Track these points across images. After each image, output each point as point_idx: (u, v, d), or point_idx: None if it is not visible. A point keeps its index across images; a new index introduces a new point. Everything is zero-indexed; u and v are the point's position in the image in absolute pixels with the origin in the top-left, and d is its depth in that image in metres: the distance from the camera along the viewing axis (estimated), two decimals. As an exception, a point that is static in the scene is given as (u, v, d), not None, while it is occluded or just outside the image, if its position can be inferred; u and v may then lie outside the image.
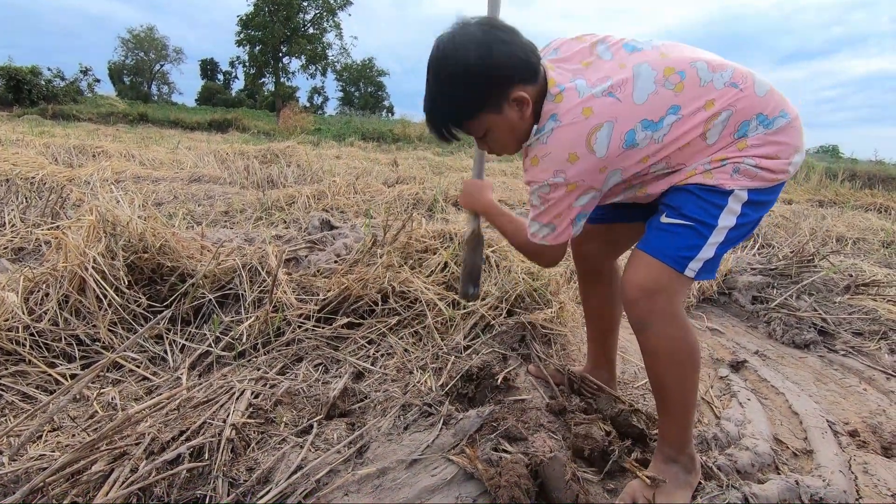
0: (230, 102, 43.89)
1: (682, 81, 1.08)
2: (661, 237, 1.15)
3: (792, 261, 3.12)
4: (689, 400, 1.19)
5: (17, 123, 11.20)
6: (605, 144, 1.07)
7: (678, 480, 1.20)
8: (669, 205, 1.16)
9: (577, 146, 1.07)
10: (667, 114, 1.07)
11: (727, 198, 1.10)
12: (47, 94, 22.21)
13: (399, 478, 1.16)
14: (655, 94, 1.07)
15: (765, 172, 1.09)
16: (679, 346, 1.14)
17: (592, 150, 1.07)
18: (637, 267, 1.16)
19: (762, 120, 1.09)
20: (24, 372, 1.56)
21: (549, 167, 1.11)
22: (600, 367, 1.63)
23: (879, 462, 1.45)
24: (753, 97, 1.09)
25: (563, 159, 1.09)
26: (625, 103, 1.07)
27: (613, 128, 1.06)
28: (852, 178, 11.06)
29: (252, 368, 1.65)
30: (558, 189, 1.12)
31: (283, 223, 3.62)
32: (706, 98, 1.08)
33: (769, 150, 1.09)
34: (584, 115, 1.07)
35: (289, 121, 20.34)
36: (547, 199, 1.14)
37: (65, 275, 1.81)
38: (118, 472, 1.09)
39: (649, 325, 1.14)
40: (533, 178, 1.14)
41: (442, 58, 1.10)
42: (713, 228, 1.11)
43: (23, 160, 4.46)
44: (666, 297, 1.12)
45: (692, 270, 1.12)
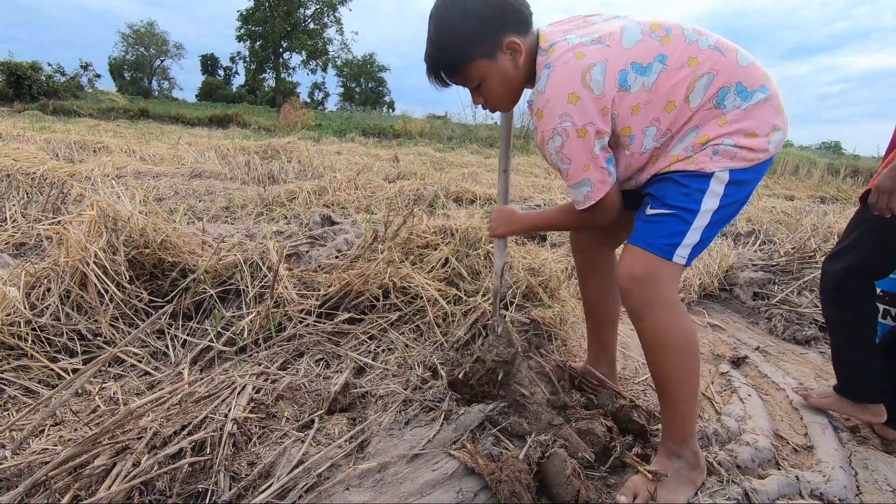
0: (231, 98, 43.83)
1: (668, 35, 1.12)
2: (647, 228, 1.18)
3: (793, 257, 3.11)
4: (690, 390, 1.20)
5: (18, 119, 11.19)
6: (601, 82, 1.08)
7: (680, 476, 1.20)
8: (653, 195, 1.19)
9: (574, 85, 1.08)
10: (654, 60, 1.10)
11: (708, 181, 1.11)
12: (48, 90, 22.15)
13: (400, 472, 1.17)
14: (642, 42, 1.11)
15: (744, 151, 1.10)
16: (675, 333, 1.16)
17: (589, 87, 1.08)
18: (628, 258, 1.19)
19: (740, 91, 1.10)
20: (27, 366, 1.57)
21: (553, 113, 1.10)
22: (600, 361, 1.63)
23: (880, 457, 1.45)
24: (735, 65, 1.11)
25: (563, 101, 1.09)
26: (614, 48, 1.10)
27: (606, 67, 1.08)
28: (854, 174, 11.03)
29: (253, 363, 1.65)
30: (569, 136, 1.10)
31: (283, 219, 3.62)
32: (690, 55, 1.10)
33: (747, 126, 1.10)
34: (576, 58, 1.09)
35: (289, 116, 20.28)
36: (564, 153, 1.13)
37: (66, 270, 1.81)
38: (120, 466, 1.09)
39: (644, 314, 1.16)
40: (542, 132, 1.14)
41: (441, 4, 1.16)
42: (696, 213, 1.13)
43: (24, 156, 4.45)
44: (657, 284, 1.15)
45: (681, 257, 1.14)
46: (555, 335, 1.97)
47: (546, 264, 2.27)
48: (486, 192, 5.10)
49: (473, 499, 1.11)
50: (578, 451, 1.23)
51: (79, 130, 8.84)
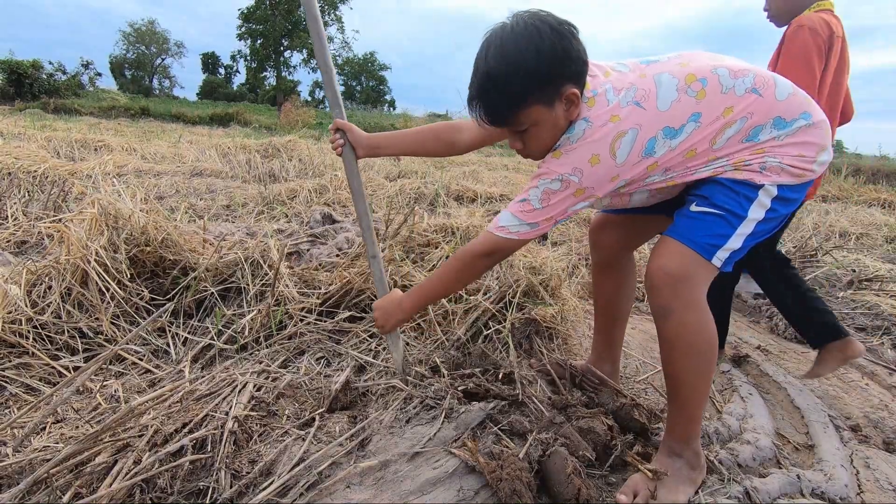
0: (231, 96, 43.83)
1: (704, 89, 1.09)
2: (691, 224, 1.14)
3: (795, 256, 3.11)
4: (702, 393, 1.19)
5: (19, 117, 11.19)
6: (627, 151, 1.08)
7: (681, 475, 1.19)
8: (699, 195, 1.17)
9: (602, 148, 1.08)
10: (688, 121, 1.09)
11: (758, 191, 1.11)
12: (49, 89, 22.17)
13: (401, 470, 1.16)
14: (678, 102, 1.09)
15: (792, 168, 1.09)
16: (699, 336, 1.14)
17: (613, 156, 1.08)
18: (664, 253, 1.15)
19: (778, 123, 1.10)
20: (28, 364, 1.57)
21: (569, 163, 1.10)
22: (604, 360, 1.63)
23: (881, 457, 1.45)
24: (773, 102, 1.09)
25: (585, 159, 1.09)
26: (649, 112, 1.08)
27: (637, 135, 1.08)
28: (856, 173, 11.01)
29: (254, 361, 1.65)
30: (568, 188, 1.11)
31: (284, 217, 3.62)
32: (725, 105, 1.09)
33: (790, 151, 1.09)
34: (612, 122, 1.08)
35: (290, 115, 20.29)
36: (550, 198, 1.13)
37: (67, 268, 1.81)
38: (121, 463, 1.09)
39: (672, 312, 1.13)
40: (548, 170, 1.13)
41: (508, 36, 1.06)
42: (743, 219, 1.11)
43: (25, 154, 4.45)
44: (692, 284, 1.12)
45: (719, 259, 1.12)
46: (556, 334, 1.97)
47: (547, 263, 2.26)
48: (487, 190, 5.09)
49: (474, 497, 1.10)
50: (579, 450, 1.23)
51: (80, 129, 8.84)
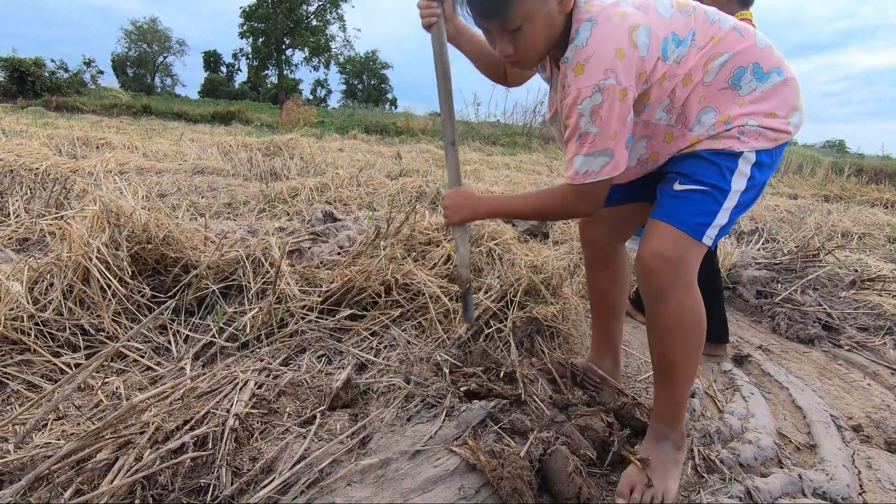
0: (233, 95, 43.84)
1: (693, 14, 1.11)
2: (677, 204, 1.14)
3: (797, 256, 3.10)
4: (692, 373, 1.21)
5: (21, 115, 11.20)
6: (647, 44, 1.03)
7: (668, 458, 1.21)
8: (681, 171, 1.16)
9: (622, 40, 1.01)
10: (688, 35, 1.09)
11: (738, 160, 1.11)
12: (51, 86, 22.19)
13: (402, 468, 1.16)
14: (675, 15, 1.09)
15: (768, 132, 1.10)
16: (694, 317, 1.15)
17: (636, 46, 1.02)
18: (655, 236, 1.14)
19: (756, 71, 1.10)
20: (29, 361, 1.57)
21: (597, 68, 1.02)
22: (604, 356, 1.62)
23: (883, 457, 1.44)
24: (753, 46, 1.11)
25: (611, 56, 1.01)
26: (652, 16, 1.06)
27: (650, 31, 1.04)
28: (859, 173, 10.98)
29: (255, 359, 1.65)
30: (611, 95, 1.02)
31: (286, 215, 3.62)
32: (712, 34, 1.10)
33: (766, 107, 1.10)
34: (619, 15, 1.04)
35: (292, 113, 20.27)
36: (601, 114, 1.04)
37: (69, 265, 1.81)
38: (123, 460, 1.09)
39: (668, 295, 1.12)
40: (580, 89, 1.04)
41: None
42: (727, 193, 1.11)
43: (27, 151, 4.46)
44: (686, 266, 1.12)
45: (709, 238, 1.12)
46: (557, 332, 1.96)
47: (548, 261, 2.26)
48: (489, 189, 5.08)
49: (475, 495, 1.10)
50: (581, 449, 1.23)
51: (82, 126, 8.85)
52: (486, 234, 2.39)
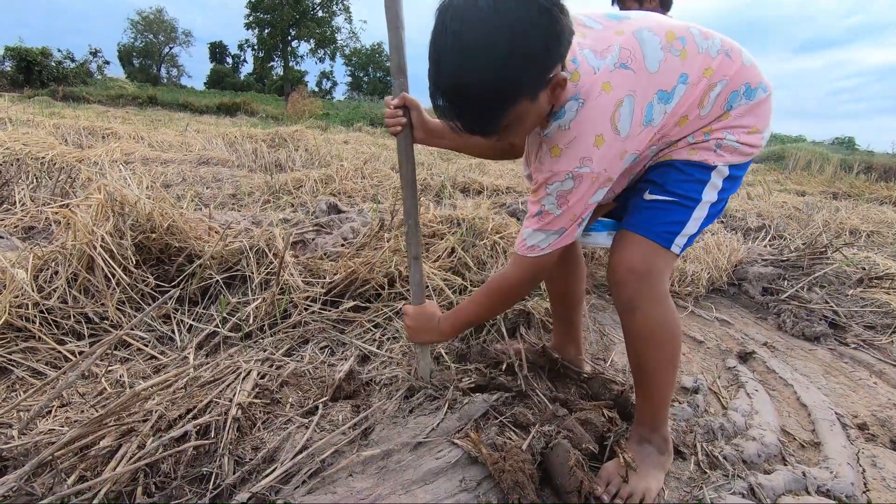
0: (239, 86, 43.84)
1: (685, 48, 1.05)
2: (647, 215, 1.13)
3: (804, 253, 3.07)
4: (668, 381, 1.19)
5: (28, 104, 11.24)
6: (629, 122, 0.98)
7: (651, 461, 1.21)
8: (652, 180, 1.15)
9: (603, 126, 0.97)
10: (677, 83, 1.04)
11: (710, 173, 1.10)
12: (57, 76, 22.28)
13: (403, 460, 1.16)
14: (665, 62, 1.02)
15: (744, 147, 1.10)
16: (665, 328, 1.14)
17: (617, 130, 0.98)
18: (625, 247, 1.14)
19: (746, 90, 1.09)
20: (34, 348, 1.58)
21: (574, 155, 0.99)
22: (567, 344, 1.62)
23: (888, 455, 1.43)
24: (741, 66, 1.09)
25: (589, 144, 0.97)
26: (640, 74, 1.00)
27: (634, 102, 0.99)
28: (868, 170, 10.87)
29: (258, 349, 1.66)
30: (582, 182, 1.00)
31: (290, 207, 3.62)
32: (705, 66, 1.06)
33: (749, 121, 1.10)
34: (605, 91, 0.97)
35: (297, 105, 20.27)
36: (567, 199, 1.03)
37: (73, 253, 1.82)
38: (126, 447, 1.10)
39: (638, 307, 1.12)
40: (553, 172, 1.01)
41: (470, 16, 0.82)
42: (697, 203, 1.11)
43: (33, 140, 4.47)
44: (656, 277, 1.11)
45: (678, 246, 1.12)
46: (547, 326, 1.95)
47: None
48: (494, 182, 5.06)
49: (476, 488, 1.10)
50: (582, 443, 1.22)
51: (88, 116, 8.87)
52: (491, 228, 2.38)
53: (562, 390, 1.53)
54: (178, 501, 1.04)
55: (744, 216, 4.75)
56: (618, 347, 1.91)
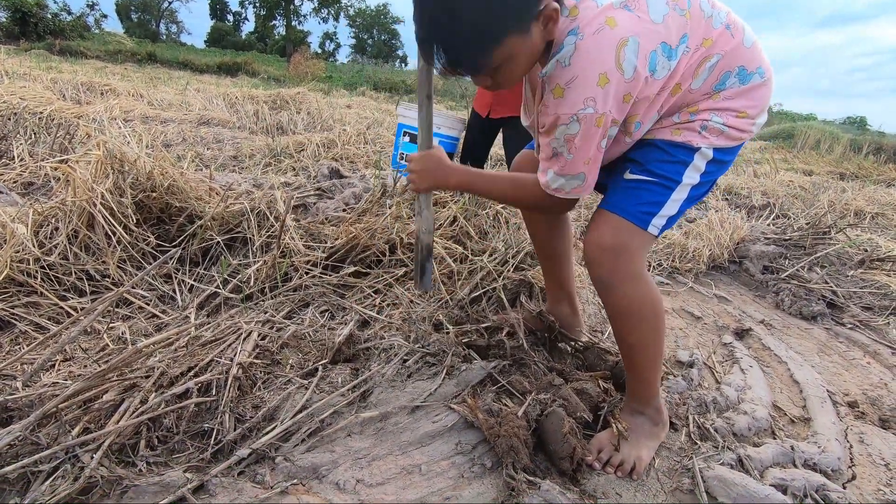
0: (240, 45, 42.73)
1: (689, 10, 1.00)
2: (625, 194, 1.11)
3: (807, 232, 3.06)
4: (656, 356, 1.20)
5: (25, 57, 10.98)
6: (633, 64, 0.92)
7: (643, 431, 1.23)
8: (634, 159, 1.12)
9: (607, 63, 0.91)
10: (680, 42, 0.99)
11: (693, 154, 1.07)
12: (54, 29, 21.68)
13: (401, 422, 1.19)
14: (669, 16, 0.97)
15: (731, 131, 1.06)
16: (643, 306, 1.13)
17: (621, 69, 0.92)
18: (599, 226, 1.11)
19: (741, 73, 1.05)
20: (36, 303, 1.59)
21: (577, 96, 0.94)
22: (560, 302, 1.61)
23: (876, 433, 1.46)
24: (741, 47, 1.04)
25: (592, 82, 0.92)
26: (644, 20, 0.94)
27: (639, 45, 0.92)
28: (878, 151, 10.71)
29: (259, 311, 1.67)
30: (588, 124, 0.96)
31: (291, 170, 3.58)
32: (704, 35, 1.02)
33: (739, 105, 1.06)
34: (608, 25, 0.91)
35: (299, 67, 19.82)
36: (575, 143, 0.99)
37: (73, 210, 1.81)
38: (128, 402, 1.12)
39: (613, 286, 1.10)
40: (557, 115, 0.97)
41: None
42: (678, 184, 1.08)
43: (30, 95, 4.38)
44: (629, 255, 1.09)
45: (655, 227, 1.10)
46: None
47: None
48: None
49: (472, 451, 1.13)
50: (577, 411, 1.24)
51: (86, 72, 8.68)
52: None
53: (558, 360, 1.54)
54: (180, 455, 1.06)
55: (749, 194, 4.71)
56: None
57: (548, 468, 1.15)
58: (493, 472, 1.10)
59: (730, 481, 1.11)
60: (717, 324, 2.10)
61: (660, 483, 1.16)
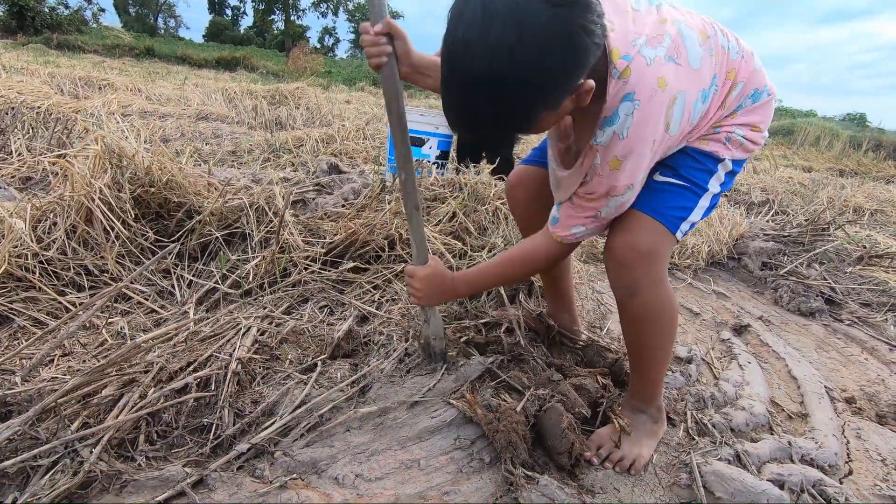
0: (238, 40, 42.55)
1: (714, 49, 1.02)
2: (656, 197, 1.10)
3: (806, 229, 3.06)
4: (665, 358, 1.21)
5: (22, 52, 10.93)
6: (679, 121, 0.95)
7: (644, 429, 1.24)
8: (664, 163, 1.12)
9: (658, 129, 0.93)
10: (711, 83, 1.02)
11: (718, 165, 1.12)
12: (51, 23, 21.57)
13: (400, 417, 1.19)
14: (703, 60, 0.98)
15: (748, 143, 1.12)
16: (664, 313, 1.13)
17: (668, 129, 0.94)
18: (632, 229, 1.07)
19: (754, 94, 1.11)
20: (35, 298, 1.59)
21: (634, 168, 0.96)
22: (561, 310, 1.62)
23: (873, 428, 1.46)
24: (754, 71, 1.10)
25: (647, 150, 0.95)
26: (686, 70, 0.94)
27: (685, 100, 0.94)
28: (877, 148, 10.70)
29: (258, 307, 1.67)
30: (636, 186, 1.03)
31: (290, 165, 3.58)
32: (728, 68, 1.06)
33: (754, 119, 1.12)
34: (660, 87, 0.90)
35: (298, 62, 19.75)
36: (623, 205, 1.05)
37: (72, 205, 1.80)
38: (127, 397, 1.12)
39: (639, 290, 1.09)
40: (615, 186, 0.99)
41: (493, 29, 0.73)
42: (705, 191, 1.12)
43: (28, 89, 4.36)
44: (659, 261, 1.09)
45: (682, 232, 1.12)
46: None
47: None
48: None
49: (470, 446, 1.13)
50: (575, 407, 1.25)
51: (83, 66, 8.64)
52: (493, 194, 2.36)
53: (557, 356, 1.55)
54: (179, 449, 1.07)
55: (748, 190, 4.71)
56: (614, 316, 1.93)
57: (546, 463, 1.16)
58: (491, 467, 1.10)
59: (727, 476, 1.11)
60: (715, 320, 2.11)
61: (657, 478, 1.17)
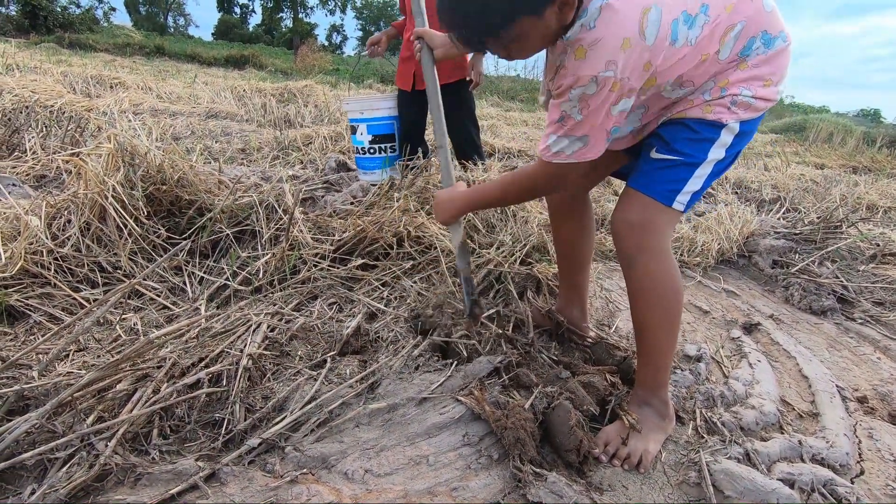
0: (247, 38, 42.74)
1: None
2: (650, 173, 1.14)
3: (818, 226, 3.02)
4: (668, 342, 1.21)
5: (35, 51, 11.06)
6: (655, 31, 0.94)
7: (651, 424, 1.23)
8: (661, 136, 1.14)
9: (631, 28, 0.93)
10: (699, 11, 1.00)
11: (720, 130, 1.09)
12: (63, 22, 21.82)
13: (408, 414, 1.20)
14: None
15: (758, 102, 1.07)
16: (663, 284, 1.15)
17: (643, 35, 0.93)
18: (625, 203, 1.16)
19: (765, 38, 1.05)
20: (50, 294, 1.61)
21: (599, 58, 0.94)
22: (572, 304, 1.62)
23: (885, 428, 1.45)
24: (762, 11, 1.05)
25: (616, 46, 0.93)
26: None
27: (662, 13, 0.94)
28: (892, 144, 10.52)
29: (268, 303, 1.68)
30: (605, 87, 0.96)
31: (299, 163, 3.60)
32: (725, 2, 1.02)
33: (766, 72, 1.07)
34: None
35: (306, 59, 19.81)
36: (589, 103, 0.99)
37: (85, 202, 1.83)
38: (141, 391, 1.14)
39: (636, 260, 1.14)
40: (578, 76, 0.97)
41: None
42: (703, 161, 1.10)
43: (41, 88, 4.42)
44: (653, 232, 1.12)
45: (680, 203, 1.12)
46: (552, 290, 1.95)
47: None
48: (506, 145, 4.98)
49: (479, 443, 1.14)
50: (584, 405, 1.25)
51: (95, 65, 8.73)
52: None
53: (566, 354, 1.55)
54: (192, 444, 1.08)
55: (759, 188, 4.66)
56: (623, 314, 1.92)
57: (554, 460, 1.16)
58: (499, 464, 1.11)
59: (737, 475, 1.11)
60: (725, 318, 2.09)
61: (666, 476, 1.17)
